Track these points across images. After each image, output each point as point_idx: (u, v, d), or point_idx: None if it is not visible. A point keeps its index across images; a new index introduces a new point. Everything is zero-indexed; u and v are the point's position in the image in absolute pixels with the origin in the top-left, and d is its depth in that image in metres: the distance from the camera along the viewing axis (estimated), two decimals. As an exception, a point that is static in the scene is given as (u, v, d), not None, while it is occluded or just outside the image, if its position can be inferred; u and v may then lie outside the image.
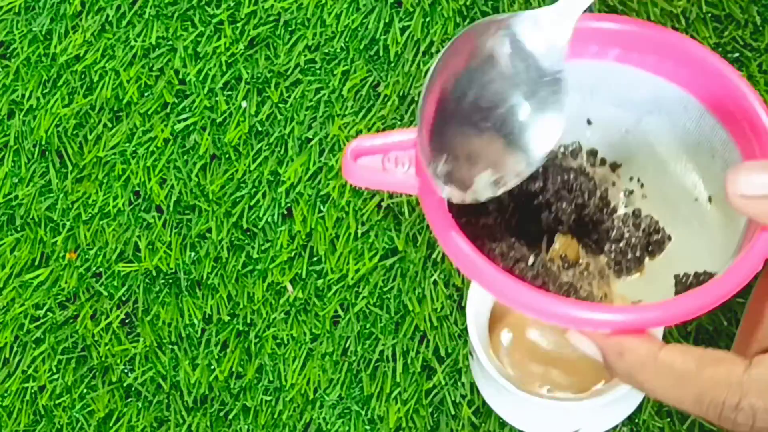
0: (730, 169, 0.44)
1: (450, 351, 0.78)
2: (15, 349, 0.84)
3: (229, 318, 0.82)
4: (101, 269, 0.85)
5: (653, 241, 0.55)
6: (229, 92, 0.90)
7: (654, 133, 0.56)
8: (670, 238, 0.55)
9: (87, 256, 0.86)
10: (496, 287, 0.46)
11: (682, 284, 0.52)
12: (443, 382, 0.78)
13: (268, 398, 0.80)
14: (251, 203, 0.86)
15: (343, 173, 0.49)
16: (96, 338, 0.83)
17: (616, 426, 0.73)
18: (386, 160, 0.49)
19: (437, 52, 0.88)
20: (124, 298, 0.84)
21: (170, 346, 0.82)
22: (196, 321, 0.83)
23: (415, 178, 0.48)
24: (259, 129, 0.88)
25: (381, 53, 0.89)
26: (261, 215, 0.85)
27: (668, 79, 0.53)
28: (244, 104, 0.89)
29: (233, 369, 0.81)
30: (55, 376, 0.82)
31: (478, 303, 0.70)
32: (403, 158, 0.49)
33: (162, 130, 0.89)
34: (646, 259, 0.55)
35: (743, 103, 0.50)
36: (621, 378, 0.46)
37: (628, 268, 0.54)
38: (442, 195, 0.47)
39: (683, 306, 0.45)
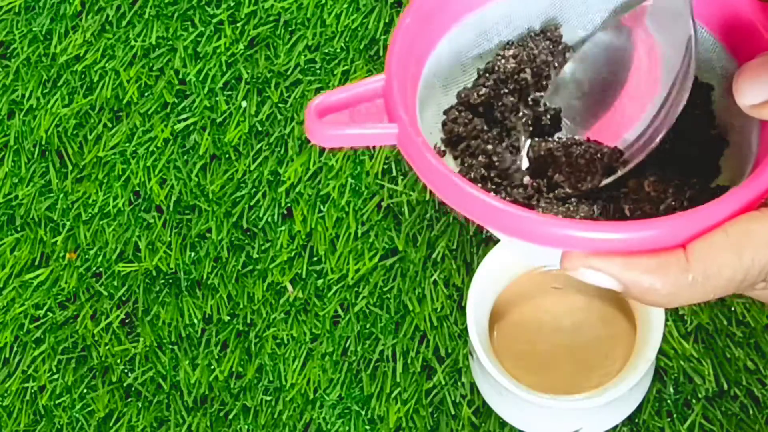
0: (734, 80, 0.42)
1: (450, 351, 0.78)
2: (15, 349, 0.84)
3: (229, 318, 0.82)
4: (101, 269, 0.85)
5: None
6: (229, 92, 0.90)
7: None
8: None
9: (87, 256, 0.86)
10: (507, 221, 0.41)
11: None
12: (443, 382, 0.78)
13: (268, 398, 0.80)
14: (251, 203, 0.86)
15: (308, 134, 0.44)
16: (96, 338, 0.83)
17: (616, 426, 0.73)
18: (354, 115, 0.44)
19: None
20: (124, 298, 0.84)
21: (170, 346, 0.82)
22: (196, 321, 0.83)
23: (391, 126, 0.44)
24: (259, 129, 0.88)
25: (381, 53, 0.89)
26: (261, 215, 0.85)
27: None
28: (244, 104, 0.89)
29: (233, 369, 0.81)
30: (55, 376, 0.82)
31: (478, 303, 0.70)
32: (371, 109, 0.44)
33: (162, 130, 0.89)
34: None
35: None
36: (655, 305, 0.42)
37: None
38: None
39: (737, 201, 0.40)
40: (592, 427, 0.71)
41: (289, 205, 0.85)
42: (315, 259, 0.83)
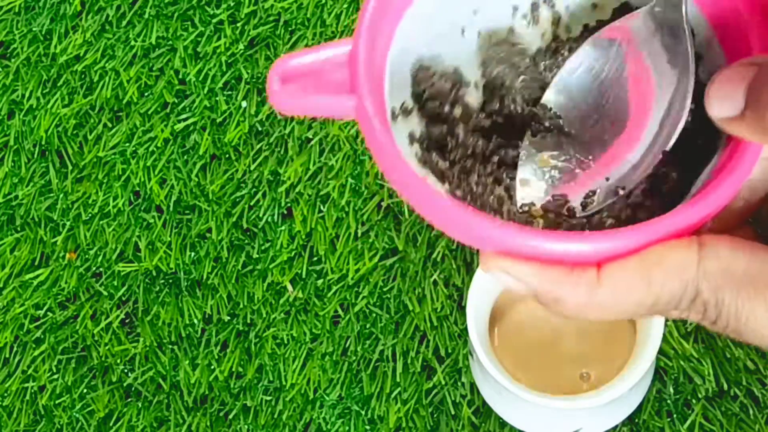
0: (706, 89, 0.41)
1: (450, 351, 0.78)
2: (15, 349, 0.84)
3: (229, 318, 0.82)
4: (101, 269, 0.85)
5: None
6: (229, 92, 0.90)
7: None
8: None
9: (87, 256, 0.86)
10: (440, 212, 0.41)
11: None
12: (443, 382, 0.78)
13: (268, 398, 0.80)
14: (251, 203, 0.86)
15: (269, 99, 0.41)
16: (96, 338, 0.83)
17: (616, 426, 0.73)
18: (318, 81, 0.41)
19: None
20: (124, 298, 0.84)
21: (170, 346, 0.82)
22: (196, 321, 0.83)
23: (350, 97, 0.40)
24: (259, 129, 0.88)
25: (381, 53, 0.89)
26: (261, 215, 0.85)
27: None
28: (244, 104, 0.89)
29: (233, 369, 0.81)
30: (55, 376, 0.82)
31: (478, 303, 0.70)
32: (337, 76, 0.41)
33: (162, 130, 0.89)
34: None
35: None
36: (564, 316, 0.43)
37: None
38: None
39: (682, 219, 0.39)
40: (592, 427, 0.71)
41: (289, 205, 0.85)
42: (315, 259, 0.83)
